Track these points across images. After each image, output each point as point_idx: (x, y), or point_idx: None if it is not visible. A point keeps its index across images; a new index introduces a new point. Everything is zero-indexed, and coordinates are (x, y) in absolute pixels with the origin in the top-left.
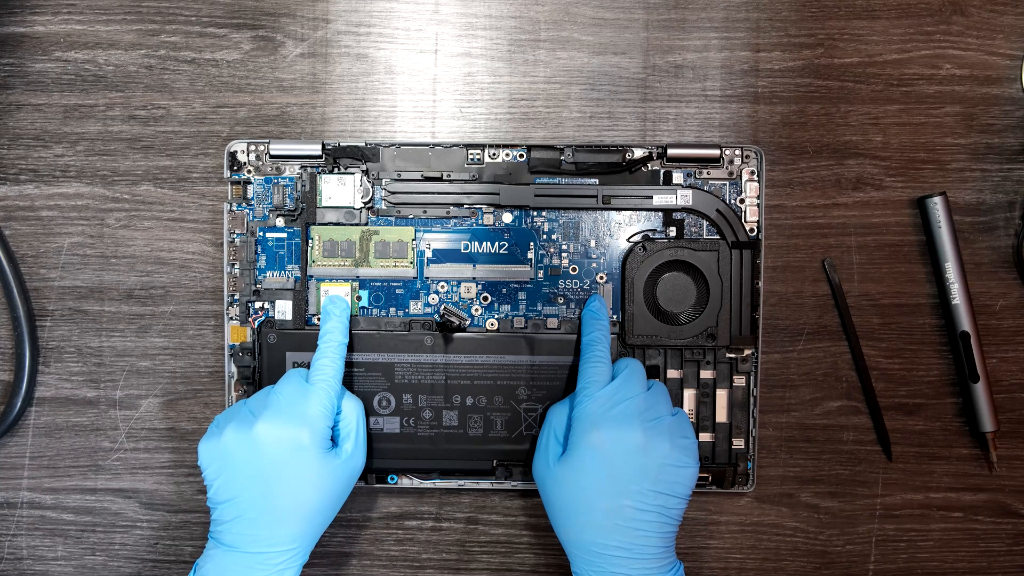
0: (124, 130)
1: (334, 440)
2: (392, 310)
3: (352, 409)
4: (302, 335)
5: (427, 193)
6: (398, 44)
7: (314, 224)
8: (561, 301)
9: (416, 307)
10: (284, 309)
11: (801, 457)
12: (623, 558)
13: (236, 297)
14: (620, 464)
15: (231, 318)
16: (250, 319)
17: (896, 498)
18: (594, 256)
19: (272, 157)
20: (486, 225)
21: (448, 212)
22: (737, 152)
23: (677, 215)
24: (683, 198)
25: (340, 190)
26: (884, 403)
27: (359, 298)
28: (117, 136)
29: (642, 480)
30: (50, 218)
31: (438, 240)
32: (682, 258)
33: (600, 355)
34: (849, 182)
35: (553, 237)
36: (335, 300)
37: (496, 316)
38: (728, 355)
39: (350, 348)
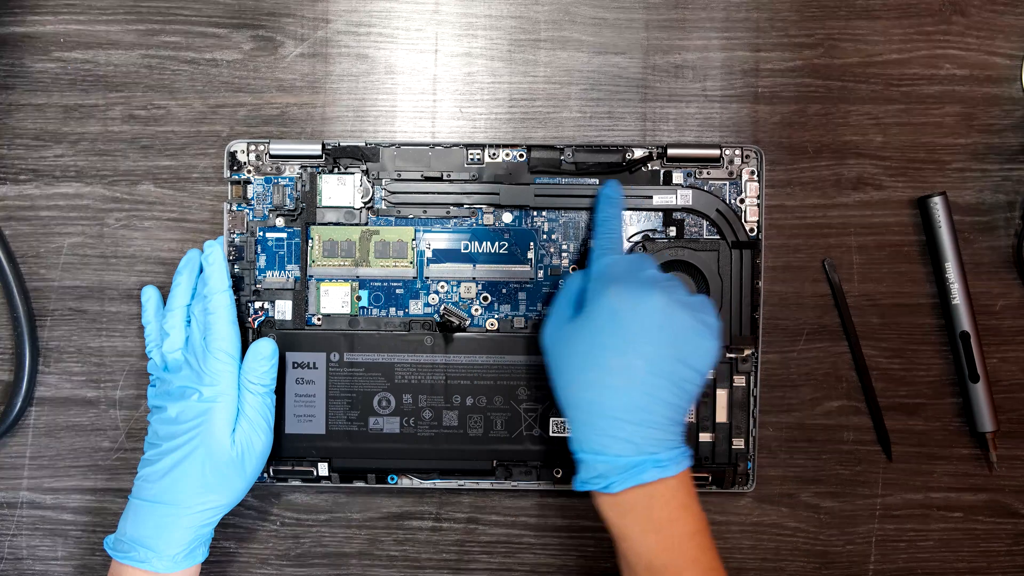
0: (124, 130)
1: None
2: (392, 310)
3: None
4: (302, 335)
5: (427, 193)
6: (398, 44)
7: (314, 224)
8: None
9: (416, 307)
10: (284, 309)
11: (801, 457)
12: (627, 421)
13: (236, 297)
14: (636, 323)
15: None
16: (250, 319)
17: (896, 498)
18: None
19: (272, 157)
20: (486, 225)
21: (448, 212)
22: (737, 152)
23: (677, 215)
24: (683, 198)
25: (340, 190)
26: (884, 403)
27: (359, 298)
28: (117, 136)
29: (658, 343)
30: (50, 218)
31: (438, 240)
32: (682, 258)
33: (616, 229)
34: (849, 182)
35: (553, 237)
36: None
37: (496, 316)
38: (728, 355)
39: (350, 348)
